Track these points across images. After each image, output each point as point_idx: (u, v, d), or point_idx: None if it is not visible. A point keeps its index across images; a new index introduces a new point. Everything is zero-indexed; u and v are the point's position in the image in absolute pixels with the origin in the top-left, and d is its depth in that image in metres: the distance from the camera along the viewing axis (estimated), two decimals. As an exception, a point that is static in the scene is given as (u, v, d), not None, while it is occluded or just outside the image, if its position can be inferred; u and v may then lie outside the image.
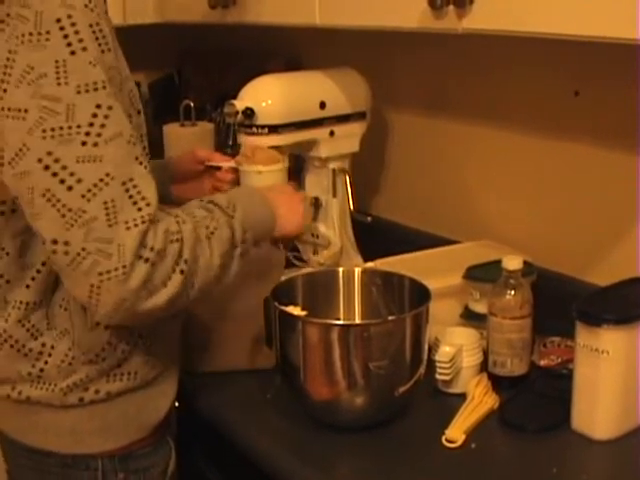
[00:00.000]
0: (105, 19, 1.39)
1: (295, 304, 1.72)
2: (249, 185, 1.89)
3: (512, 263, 1.74)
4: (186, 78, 3.28)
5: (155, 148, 2.78)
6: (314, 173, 2.26)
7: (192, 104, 2.69)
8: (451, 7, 1.56)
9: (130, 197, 1.31)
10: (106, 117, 1.31)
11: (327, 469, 1.55)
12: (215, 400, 1.80)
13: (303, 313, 1.68)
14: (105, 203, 1.29)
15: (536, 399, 1.71)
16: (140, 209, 1.31)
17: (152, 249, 1.31)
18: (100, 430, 1.56)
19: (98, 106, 1.31)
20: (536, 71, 2.05)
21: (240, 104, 2.04)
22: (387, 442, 1.60)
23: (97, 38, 1.33)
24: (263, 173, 1.94)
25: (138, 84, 3.12)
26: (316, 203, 2.25)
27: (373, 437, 1.61)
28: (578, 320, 1.54)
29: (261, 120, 2.05)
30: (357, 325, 1.73)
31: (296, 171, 2.40)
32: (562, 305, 1.60)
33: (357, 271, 1.84)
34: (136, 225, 1.30)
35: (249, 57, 2.86)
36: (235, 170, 1.96)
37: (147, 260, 1.31)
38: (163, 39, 3.16)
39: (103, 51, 1.35)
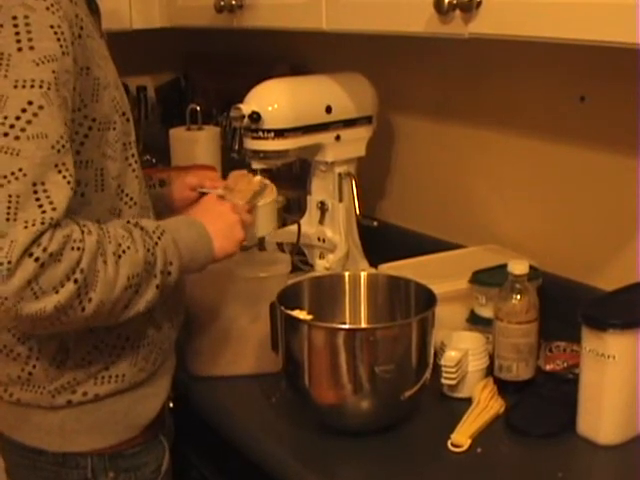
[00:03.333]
0: (85, 27, 1.42)
1: (301, 308, 1.72)
2: (187, 215, 1.66)
3: (518, 268, 1.74)
4: (192, 82, 3.29)
5: (162, 152, 2.81)
6: (320, 177, 2.26)
7: (198, 108, 2.69)
8: (457, 12, 1.56)
9: (37, 199, 1.28)
10: (35, 115, 1.30)
11: (331, 474, 1.55)
12: (221, 404, 1.80)
13: (309, 317, 1.68)
14: (9, 197, 1.26)
15: (542, 404, 1.70)
16: (44, 211, 1.28)
17: (45, 250, 1.26)
18: (89, 429, 1.58)
19: (30, 102, 1.30)
20: (542, 76, 2.05)
21: (246, 108, 2.05)
22: (392, 446, 1.60)
23: (59, 39, 1.34)
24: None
25: (144, 88, 3.17)
26: (322, 207, 2.25)
27: (378, 441, 1.61)
28: (584, 325, 1.54)
29: (267, 124, 2.05)
30: (363, 329, 1.73)
31: (302, 175, 2.41)
32: (568, 310, 1.61)
33: (363, 275, 1.84)
34: (34, 225, 1.26)
35: (255, 61, 2.87)
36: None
37: (37, 260, 1.26)
38: (170, 43, 3.17)
39: (63, 53, 1.35)
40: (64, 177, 1.31)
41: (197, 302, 1.84)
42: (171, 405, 1.78)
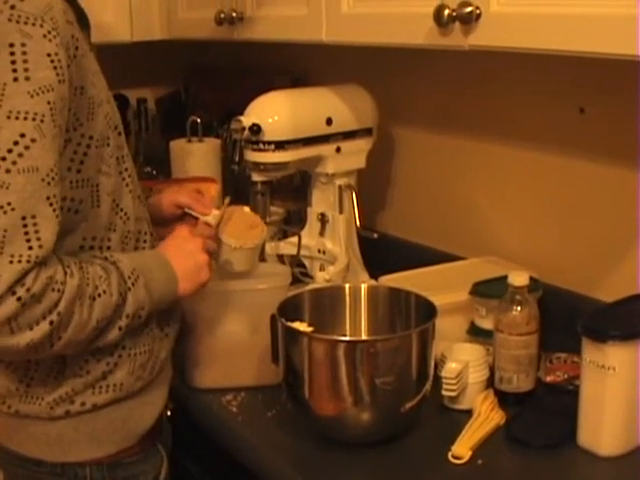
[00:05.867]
0: (80, 46, 1.42)
1: (301, 320, 1.72)
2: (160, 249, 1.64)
3: (518, 279, 1.74)
4: (193, 94, 3.30)
5: (162, 164, 2.81)
6: (320, 189, 2.26)
7: (199, 120, 2.69)
8: (457, 24, 1.57)
9: (26, 233, 1.29)
10: (26, 148, 1.30)
11: (333, 485, 1.56)
12: (220, 416, 1.80)
13: (309, 329, 1.68)
14: None
15: (542, 415, 1.70)
16: (31, 247, 1.29)
17: (28, 290, 1.29)
18: (87, 439, 1.58)
19: (22, 135, 1.30)
20: (541, 88, 2.05)
21: (247, 120, 2.05)
22: (393, 458, 1.60)
23: (55, 67, 1.34)
24: (237, 250, 1.77)
25: (145, 100, 3.17)
26: (322, 219, 2.25)
27: (379, 453, 1.61)
28: (584, 336, 1.54)
29: (268, 136, 2.06)
30: (363, 341, 1.73)
31: (303, 187, 2.41)
32: (568, 321, 1.61)
33: (363, 287, 1.84)
34: (20, 262, 1.28)
35: (256, 73, 2.87)
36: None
37: (19, 299, 1.28)
38: (170, 55, 3.17)
39: (60, 81, 1.35)
40: (54, 210, 1.33)
41: (197, 314, 1.84)
42: (169, 413, 1.78)
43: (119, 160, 1.55)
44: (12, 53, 1.31)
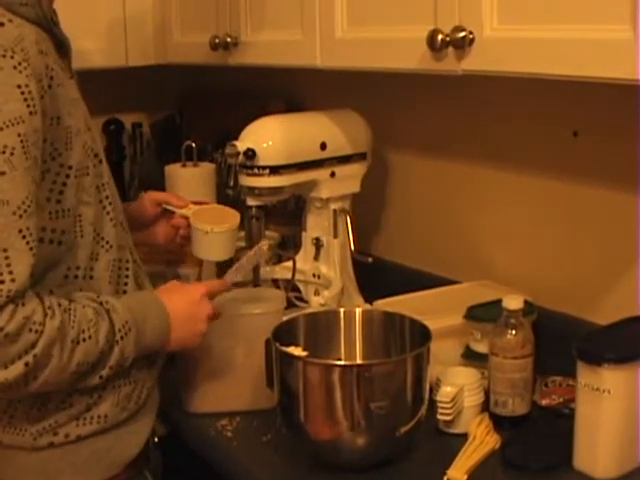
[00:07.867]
0: (55, 76, 1.41)
1: (296, 344, 1.72)
2: (159, 298, 1.61)
3: (513, 303, 1.74)
4: (188, 119, 3.30)
5: (157, 188, 2.80)
6: (315, 214, 2.26)
7: (194, 145, 2.70)
8: (450, 49, 1.58)
9: None
10: None
11: (328, 510, 1.55)
12: (215, 441, 1.79)
13: (304, 353, 1.68)
14: None
15: (538, 439, 1.70)
16: (2, 282, 1.28)
17: (1, 329, 1.28)
18: (71, 468, 1.56)
19: None
20: (535, 112, 2.06)
21: (241, 145, 2.05)
22: (389, 483, 1.60)
23: (26, 99, 1.33)
24: (209, 234, 1.84)
25: (140, 124, 3.18)
26: (317, 243, 2.25)
27: (374, 477, 1.61)
28: (579, 359, 1.54)
29: (262, 161, 2.06)
30: (358, 365, 1.73)
31: (297, 212, 2.41)
32: (563, 344, 1.60)
33: (358, 311, 1.84)
34: None
35: (250, 98, 2.88)
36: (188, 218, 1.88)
37: None
38: (165, 80, 3.19)
39: (31, 112, 1.34)
40: (27, 243, 1.32)
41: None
42: (156, 440, 1.77)
43: (99, 188, 1.54)
44: None
